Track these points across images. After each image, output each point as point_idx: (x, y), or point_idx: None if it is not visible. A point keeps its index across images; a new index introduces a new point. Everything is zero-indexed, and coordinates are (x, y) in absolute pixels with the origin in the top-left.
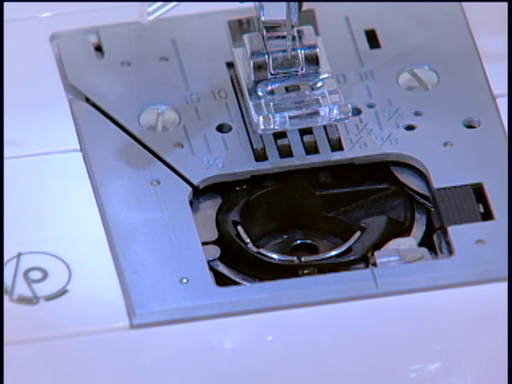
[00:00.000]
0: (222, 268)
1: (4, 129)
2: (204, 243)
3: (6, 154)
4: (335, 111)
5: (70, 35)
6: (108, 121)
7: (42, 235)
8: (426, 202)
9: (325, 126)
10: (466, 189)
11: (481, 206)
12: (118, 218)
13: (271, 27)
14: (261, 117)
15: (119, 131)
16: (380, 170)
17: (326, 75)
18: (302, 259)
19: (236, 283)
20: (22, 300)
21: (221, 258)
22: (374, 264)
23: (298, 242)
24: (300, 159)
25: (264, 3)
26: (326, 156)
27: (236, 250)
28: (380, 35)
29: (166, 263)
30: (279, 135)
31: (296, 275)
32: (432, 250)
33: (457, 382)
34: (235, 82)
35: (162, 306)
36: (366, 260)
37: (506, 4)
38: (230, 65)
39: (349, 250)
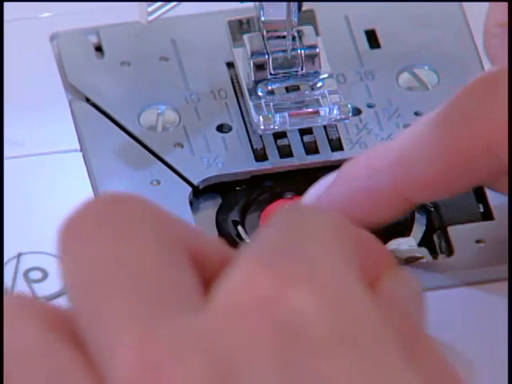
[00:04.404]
0: None
1: (4, 129)
2: None
3: (6, 154)
4: (335, 111)
5: (70, 35)
6: (108, 121)
7: (42, 235)
8: (426, 202)
9: (325, 126)
10: None
11: (481, 206)
12: None
13: (271, 27)
14: (261, 117)
15: (119, 131)
16: None
17: (326, 75)
18: None
19: None
20: None
21: None
22: None
23: None
24: (300, 159)
25: (264, 3)
26: (326, 156)
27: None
28: (380, 35)
29: None
30: (279, 135)
31: None
32: (432, 250)
33: None
34: (235, 81)
35: None
36: None
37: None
38: (230, 65)
39: None
